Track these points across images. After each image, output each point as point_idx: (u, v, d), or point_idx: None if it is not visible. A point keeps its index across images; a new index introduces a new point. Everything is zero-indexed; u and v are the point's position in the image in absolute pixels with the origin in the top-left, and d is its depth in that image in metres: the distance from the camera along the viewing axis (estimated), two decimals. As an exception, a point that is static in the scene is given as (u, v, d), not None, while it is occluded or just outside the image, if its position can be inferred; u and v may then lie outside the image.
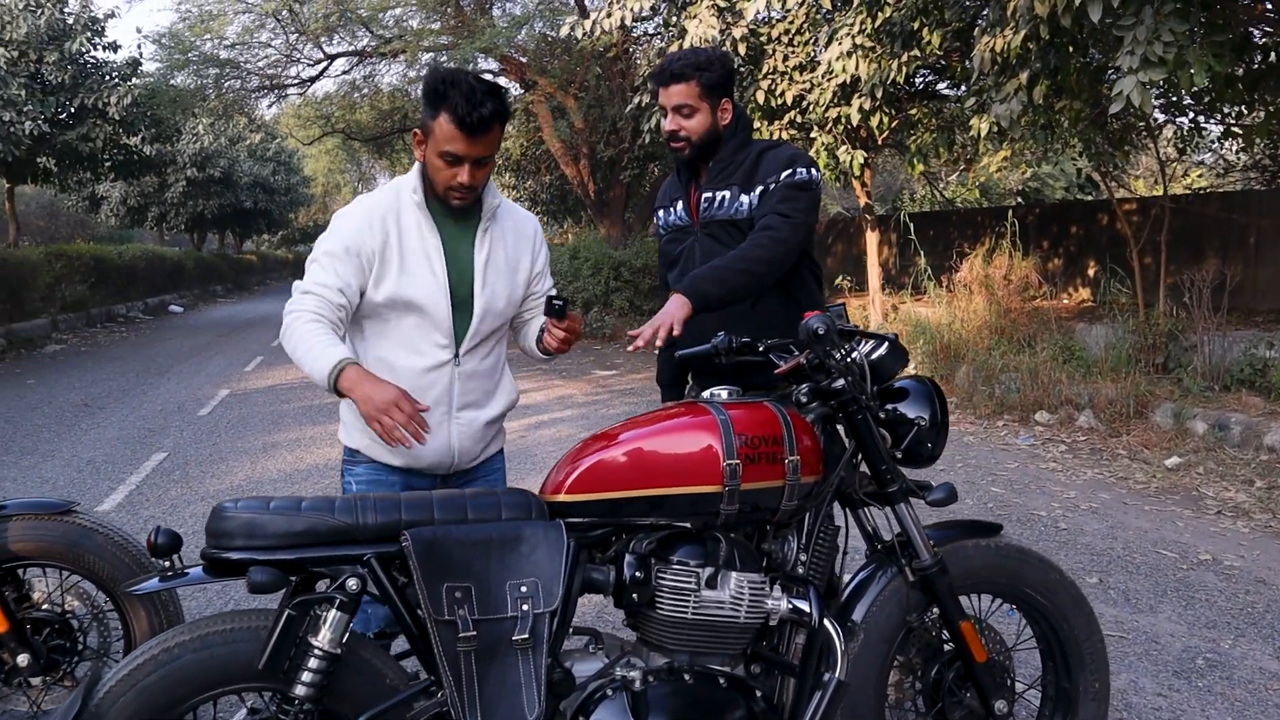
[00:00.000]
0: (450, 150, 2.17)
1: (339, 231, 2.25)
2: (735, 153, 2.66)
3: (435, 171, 2.23)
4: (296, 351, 2.12)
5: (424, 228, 2.29)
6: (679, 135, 2.65)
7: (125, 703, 1.71)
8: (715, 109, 2.64)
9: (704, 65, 2.60)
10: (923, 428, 2.17)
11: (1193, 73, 5.37)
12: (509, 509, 1.89)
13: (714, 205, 2.66)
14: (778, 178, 2.55)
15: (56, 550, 2.54)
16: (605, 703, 1.84)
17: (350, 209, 2.30)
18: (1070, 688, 2.37)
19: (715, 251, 2.63)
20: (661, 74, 2.65)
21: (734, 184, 2.63)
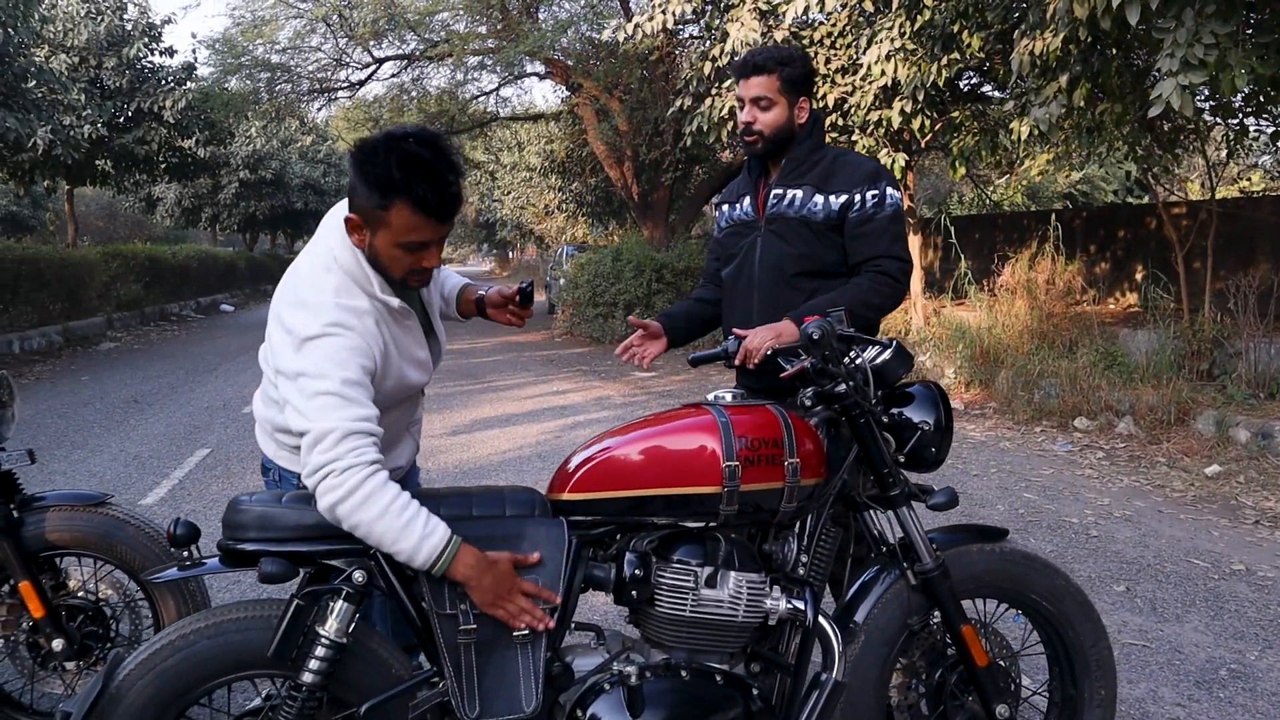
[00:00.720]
0: (414, 240, 1.94)
1: (349, 352, 1.88)
2: (810, 153, 2.69)
3: (392, 261, 1.97)
4: (383, 521, 1.77)
5: (403, 318, 2.08)
6: (753, 129, 2.67)
7: (143, 685, 1.79)
8: (793, 106, 2.66)
9: (786, 60, 2.64)
10: (926, 432, 2.18)
11: (1234, 76, 5.29)
12: (513, 506, 1.95)
13: (783, 202, 2.67)
14: (863, 193, 2.58)
15: (91, 540, 2.65)
16: (602, 697, 1.88)
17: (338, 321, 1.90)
18: (1076, 694, 2.36)
19: (777, 248, 2.66)
20: (744, 65, 2.67)
21: (808, 184, 2.65)
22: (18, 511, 2.59)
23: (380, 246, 1.95)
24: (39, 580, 2.60)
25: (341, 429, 1.79)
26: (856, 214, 2.59)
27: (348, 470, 1.76)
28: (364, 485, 1.76)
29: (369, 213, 1.91)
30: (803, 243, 2.64)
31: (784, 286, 2.65)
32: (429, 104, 21.13)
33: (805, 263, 2.64)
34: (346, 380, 1.84)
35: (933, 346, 10.20)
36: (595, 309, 15.33)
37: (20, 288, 13.60)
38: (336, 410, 1.81)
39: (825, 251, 2.64)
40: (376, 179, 1.87)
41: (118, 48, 16.56)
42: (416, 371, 2.13)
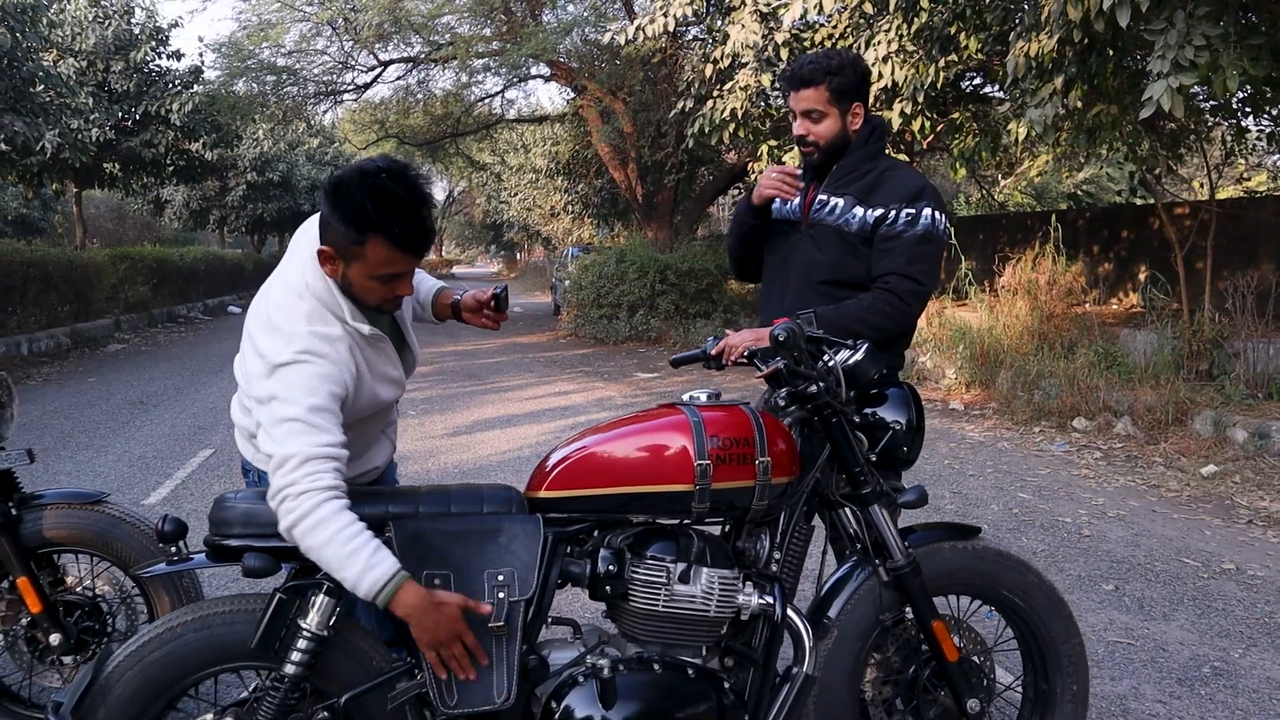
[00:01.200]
0: (389, 273, 1.98)
1: (318, 379, 1.92)
2: (861, 162, 2.68)
3: (366, 292, 2.01)
4: (329, 549, 1.79)
5: (377, 342, 2.12)
6: (807, 140, 2.68)
7: (131, 677, 1.85)
8: (845, 114, 2.65)
9: (835, 70, 2.62)
10: (898, 432, 2.23)
11: (1226, 77, 5.31)
12: (490, 503, 2.01)
13: (825, 209, 2.68)
14: (902, 209, 2.57)
15: (88, 537, 2.71)
16: (576, 689, 1.94)
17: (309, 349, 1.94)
18: (1048, 689, 2.41)
19: (811, 254, 2.68)
20: (792, 78, 2.67)
21: (850, 194, 2.65)
22: (16, 509, 2.65)
23: (355, 278, 1.98)
24: (37, 576, 2.67)
25: (302, 454, 1.83)
26: (886, 229, 2.58)
27: (302, 495, 1.80)
28: (315, 512, 1.79)
29: (344, 248, 1.94)
30: (835, 252, 2.65)
31: (811, 293, 2.66)
32: (435, 106, 21.24)
33: (834, 272, 2.65)
34: (313, 407, 1.87)
35: (933, 347, 10.23)
36: (599, 310, 15.39)
37: (29, 290, 13.72)
38: (300, 436, 1.84)
39: (855, 264, 2.64)
40: (352, 216, 1.90)
41: (125, 52, 16.67)
42: (389, 389, 2.17)
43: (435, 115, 21.78)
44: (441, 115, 21.64)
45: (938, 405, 9.09)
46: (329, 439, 1.87)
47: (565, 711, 1.92)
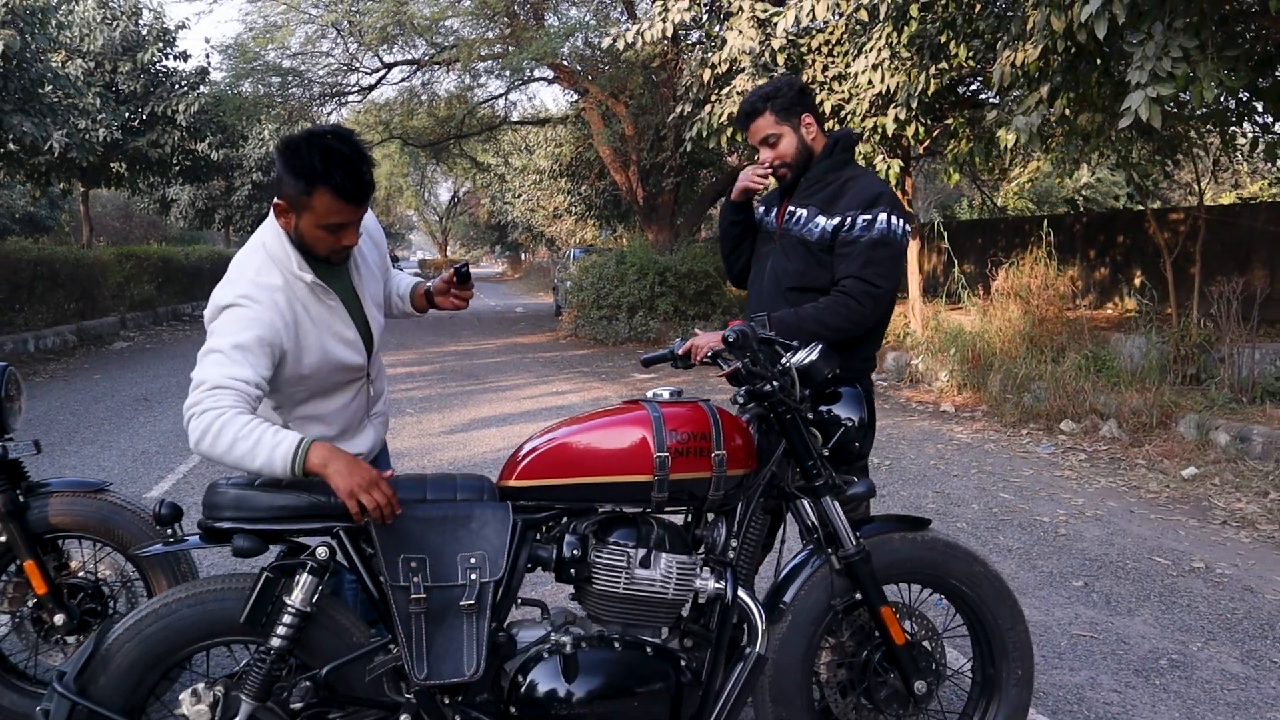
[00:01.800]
0: (335, 222, 2.18)
1: (247, 322, 2.13)
2: (825, 173, 2.85)
3: (316, 241, 2.21)
4: (237, 447, 1.97)
5: (323, 296, 2.29)
6: (776, 165, 2.87)
7: (129, 649, 2.00)
8: (798, 127, 2.84)
9: (771, 93, 2.84)
10: (850, 428, 2.37)
11: (1203, 88, 5.44)
12: (463, 491, 2.15)
13: (793, 220, 2.86)
14: (857, 217, 2.72)
15: (90, 524, 2.87)
16: (540, 664, 2.08)
17: (246, 294, 2.18)
18: (994, 673, 2.55)
19: (782, 268, 2.86)
20: (740, 119, 2.89)
21: (814, 204, 2.82)
22: (23, 496, 2.81)
23: (305, 228, 2.21)
24: (43, 560, 2.82)
25: (212, 381, 2.05)
26: (844, 234, 2.74)
27: (205, 413, 2.01)
28: (215, 423, 1.99)
29: (294, 199, 2.17)
30: (800, 261, 2.82)
31: (780, 299, 2.84)
32: (439, 108, 21.42)
33: (800, 280, 2.82)
34: (236, 344, 2.09)
35: (925, 350, 10.36)
36: (599, 311, 15.54)
37: (36, 287, 13.91)
38: (216, 367, 2.07)
39: (820, 272, 2.81)
40: (300, 169, 2.13)
41: (132, 53, 16.88)
42: (345, 349, 2.34)
43: (439, 117, 21.97)
44: (445, 117, 21.82)
45: (929, 407, 9.22)
46: (241, 373, 2.07)
47: (530, 685, 2.07)
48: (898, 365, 11.04)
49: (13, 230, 25.58)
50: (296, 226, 2.22)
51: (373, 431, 2.58)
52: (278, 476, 2.01)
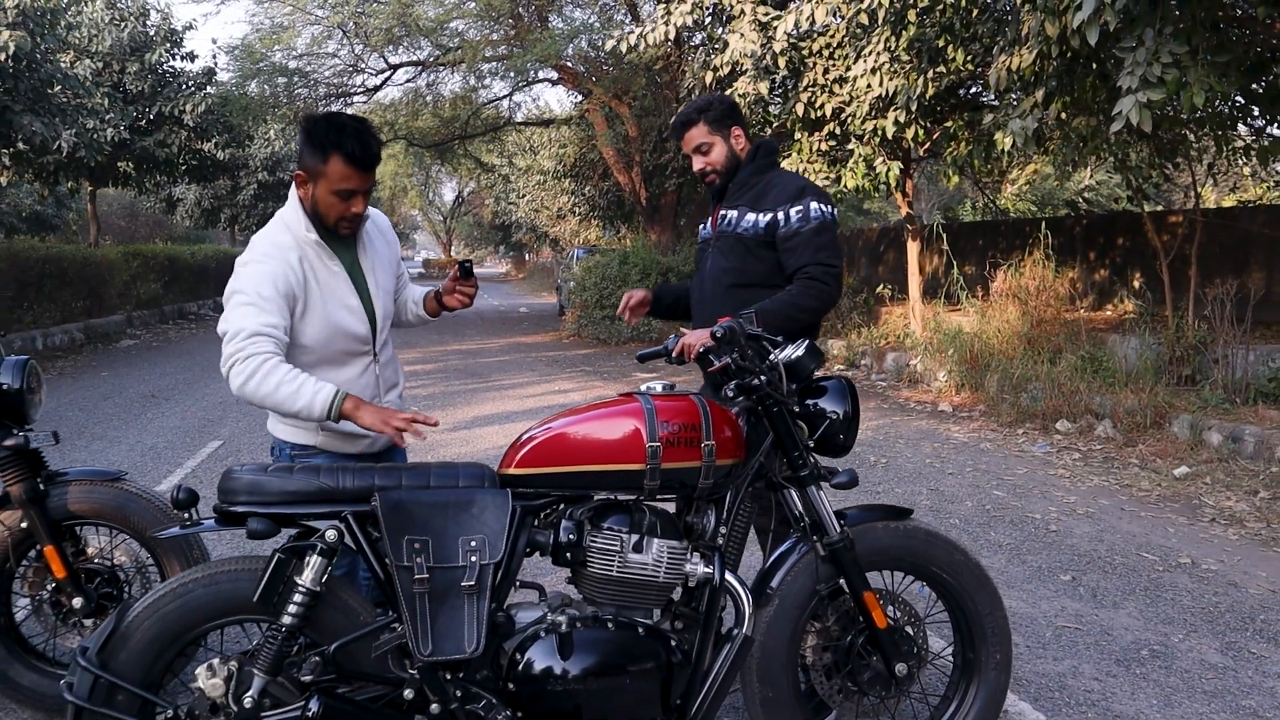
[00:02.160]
0: (345, 187, 2.45)
1: (265, 276, 2.41)
2: (750, 176, 3.11)
3: (328, 208, 2.48)
4: (281, 390, 2.28)
5: (328, 262, 2.55)
6: (707, 171, 3.12)
7: (148, 626, 2.11)
8: (728, 138, 3.10)
9: (704, 107, 3.10)
10: (835, 421, 2.48)
11: (1194, 93, 5.54)
12: (465, 479, 2.26)
13: (726, 221, 3.11)
14: (788, 210, 2.96)
15: (107, 512, 2.98)
16: (537, 643, 2.20)
17: (263, 252, 2.47)
18: (974, 658, 2.65)
19: (719, 263, 3.10)
20: (675, 129, 3.15)
21: (744, 204, 3.07)
22: (43, 485, 2.92)
23: (320, 196, 2.48)
24: (62, 546, 2.93)
25: (249, 329, 2.33)
26: (784, 229, 2.97)
27: (249, 358, 2.30)
28: (261, 368, 2.29)
29: (311, 168, 2.46)
30: (737, 257, 3.05)
31: (721, 297, 3.07)
32: (443, 108, 21.55)
33: (738, 275, 3.05)
34: (260, 294, 2.39)
35: (924, 351, 10.46)
36: (602, 311, 15.66)
37: (44, 286, 14.05)
38: (248, 315, 2.36)
39: (756, 264, 3.03)
40: (317, 140, 2.43)
41: (140, 53, 17.01)
42: (349, 316, 2.58)
43: (444, 117, 22.10)
44: (450, 117, 21.96)
45: (927, 407, 9.32)
46: (272, 320, 2.37)
47: (527, 662, 2.18)
48: (897, 365, 11.14)
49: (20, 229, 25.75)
50: (313, 195, 2.49)
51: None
52: (314, 419, 2.33)
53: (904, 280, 13.12)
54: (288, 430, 2.63)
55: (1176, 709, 3.23)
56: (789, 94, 10.51)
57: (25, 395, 2.91)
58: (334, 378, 2.55)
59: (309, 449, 2.63)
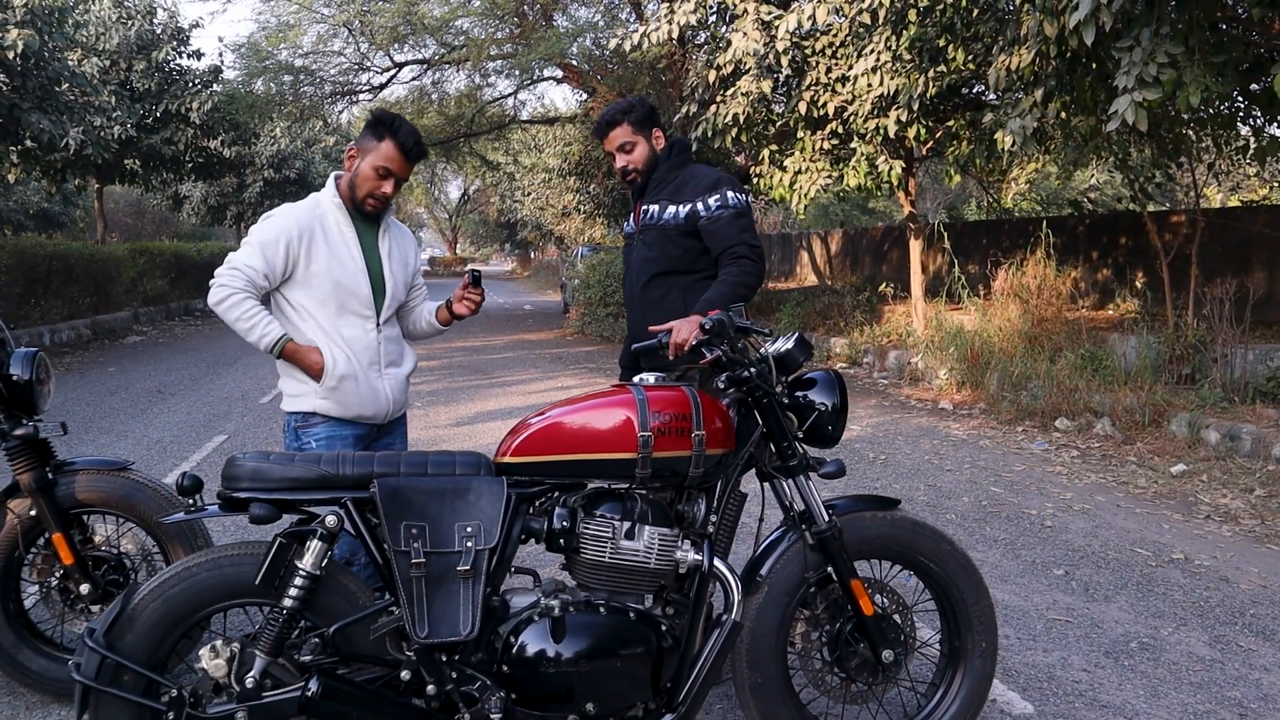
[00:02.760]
0: (387, 166, 2.86)
1: (273, 226, 2.84)
2: (668, 172, 3.27)
3: (365, 180, 2.87)
4: (240, 322, 2.79)
5: (342, 225, 2.92)
6: (629, 169, 3.28)
7: (154, 609, 2.17)
8: (649, 139, 3.26)
9: (628, 109, 3.27)
10: (824, 413, 2.54)
11: (1190, 93, 5.58)
12: (462, 467, 2.33)
13: (648, 215, 3.26)
14: (707, 200, 3.12)
15: (114, 500, 3.05)
16: (531, 627, 2.26)
17: (283, 216, 2.88)
18: (960, 645, 2.71)
19: (642, 254, 3.27)
20: (598, 128, 3.32)
21: (664, 198, 3.22)
22: (52, 473, 2.99)
23: (363, 168, 2.87)
24: (70, 533, 3.01)
25: (235, 262, 2.81)
26: (704, 218, 3.13)
27: (223, 286, 2.80)
28: (230, 298, 2.79)
29: (366, 144, 2.88)
30: (660, 248, 3.21)
31: (646, 286, 3.24)
32: (449, 106, 21.60)
33: (660, 264, 3.22)
34: (260, 240, 2.83)
35: (925, 349, 10.51)
36: (605, 309, 15.72)
37: (51, 282, 14.15)
38: (241, 253, 2.83)
39: (677, 252, 3.20)
40: (380, 125, 2.88)
41: (147, 51, 17.10)
42: (351, 275, 2.90)
43: (449, 115, 22.14)
44: (455, 115, 22.00)
45: (928, 405, 9.37)
46: (255, 262, 2.80)
47: (521, 645, 2.25)
48: (899, 363, 11.19)
49: (28, 226, 25.87)
50: (357, 168, 2.88)
51: (385, 385, 2.99)
52: (262, 349, 2.81)
53: (907, 279, 13.15)
54: (290, 400, 2.94)
55: (1162, 699, 3.29)
56: (792, 93, 10.55)
57: (34, 386, 2.98)
58: (334, 327, 2.89)
59: (310, 417, 2.91)
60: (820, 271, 21.34)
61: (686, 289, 3.18)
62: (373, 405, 2.94)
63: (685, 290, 3.19)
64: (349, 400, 2.88)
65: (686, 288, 3.19)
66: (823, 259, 21.46)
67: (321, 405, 2.88)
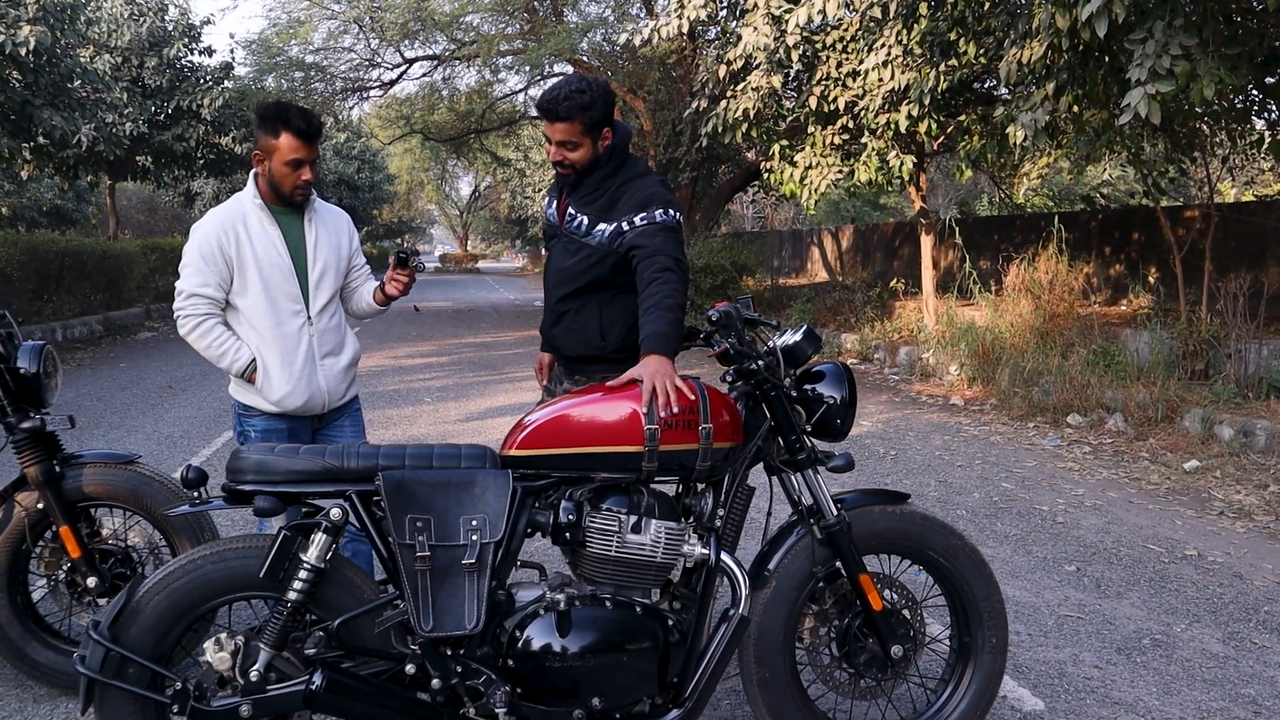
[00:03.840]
0: (295, 158, 2.94)
1: (203, 237, 2.98)
2: (602, 181, 2.96)
3: (282, 178, 2.97)
4: (211, 349, 2.99)
5: (265, 222, 3.04)
6: (564, 163, 2.95)
7: (158, 601, 2.17)
8: (596, 142, 2.92)
9: (587, 106, 2.84)
10: (833, 406, 2.51)
11: (1203, 86, 5.52)
12: (467, 460, 2.31)
13: (574, 223, 3.00)
14: (633, 219, 2.83)
15: (121, 493, 3.05)
16: (536, 620, 2.24)
17: (207, 223, 3.01)
18: (970, 641, 2.69)
19: (559, 259, 3.07)
20: (547, 111, 2.89)
21: (592, 212, 2.95)
22: (59, 467, 2.99)
23: (275, 168, 2.96)
24: (77, 526, 3.00)
25: (188, 290, 2.97)
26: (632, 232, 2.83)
27: (188, 317, 2.98)
28: (199, 327, 2.97)
29: (266, 145, 2.95)
30: (576, 260, 2.98)
31: (563, 299, 3.06)
32: (459, 102, 21.63)
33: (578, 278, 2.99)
34: (199, 255, 2.97)
35: (936, 345, 10.46)
36: (615, 305, 15.65)
37: (64, 279, 14.21)
38: (187, 277, 2.98)
39: (599, 268, 2.95)
40: (268, 121, 2.94)
41: (159, 48, 17.15)
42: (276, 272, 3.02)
43: (460, 111, 22.18)
44: (465, 111, 22.03)
45: (939, 401, 9.32)
46: (204, 280, 2.96)
47: (526, 640, 2.23)
48: (909, 359, 11.14)
49: (40, 223, 26.00)
50: (269, 169, 2.97)
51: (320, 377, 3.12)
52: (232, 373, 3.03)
53: (918, 275, 13.11)
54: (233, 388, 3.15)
55: (1175, 696, 3.25)
56: (802, 88, 10.51)
57: (42, 379, 2.98)
58: (276, 332, 3.02)
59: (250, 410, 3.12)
60: (831, 267, 21.28)
61: (604, 303, 2.99)
62: (310, 397, 3.09)
63: (603, 305, 2.99)
64: (282, 399, 3.05)
65: (604, 302, 2.99)
66: (833, 255, 21.40)
67: (256, 400, 3.08)
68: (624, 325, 2.98)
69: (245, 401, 3.11)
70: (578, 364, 3.10)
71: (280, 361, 3.04)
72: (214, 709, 2.13)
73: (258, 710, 2.14)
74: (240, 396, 3.12)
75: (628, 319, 2.97)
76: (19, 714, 3.05)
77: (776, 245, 24.88)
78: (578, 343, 3.04)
